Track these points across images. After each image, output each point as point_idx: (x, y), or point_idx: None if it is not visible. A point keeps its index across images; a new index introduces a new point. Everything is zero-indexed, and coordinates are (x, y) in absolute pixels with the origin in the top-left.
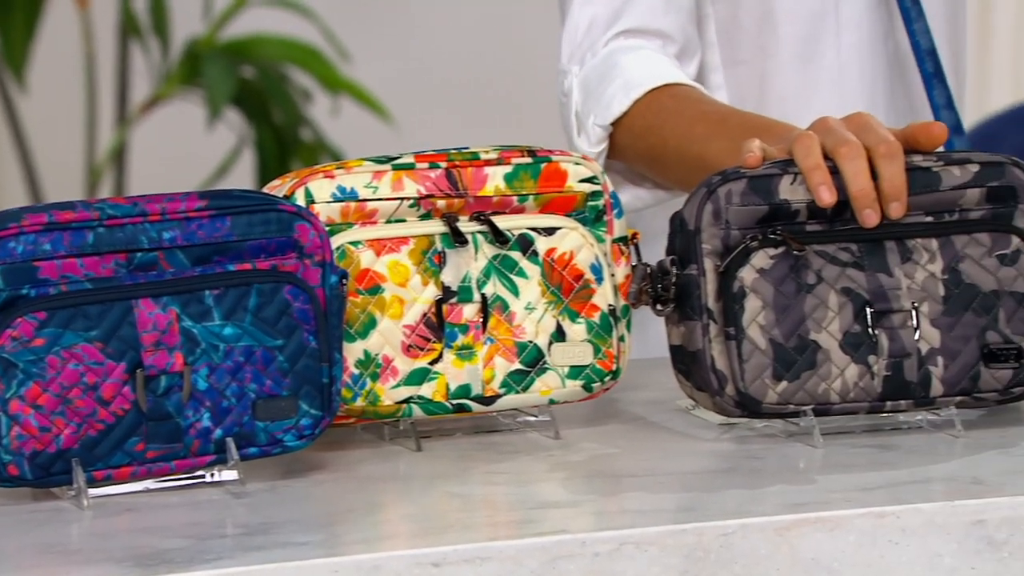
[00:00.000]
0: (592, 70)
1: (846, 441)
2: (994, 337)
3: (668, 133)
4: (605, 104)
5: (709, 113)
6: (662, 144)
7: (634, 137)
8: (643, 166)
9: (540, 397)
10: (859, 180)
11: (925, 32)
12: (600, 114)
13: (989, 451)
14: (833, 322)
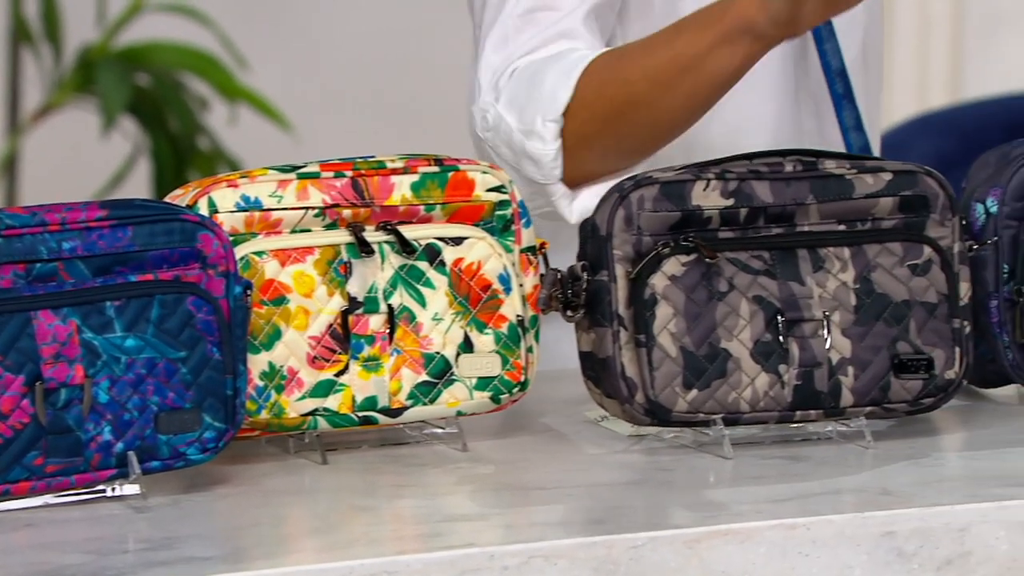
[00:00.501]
0: (514, 88)
1: (756, 452)
2: (905, 347)
3: (627, 71)
4: (548, 100)
5: (657, 33)
6: (625, 84)
7: (588, 106)
8: (606, 136)
9: (447, 409)
10: None
11: (836, 53)
12: (548, 109)
13: (899, 462)
14: (744, 330)
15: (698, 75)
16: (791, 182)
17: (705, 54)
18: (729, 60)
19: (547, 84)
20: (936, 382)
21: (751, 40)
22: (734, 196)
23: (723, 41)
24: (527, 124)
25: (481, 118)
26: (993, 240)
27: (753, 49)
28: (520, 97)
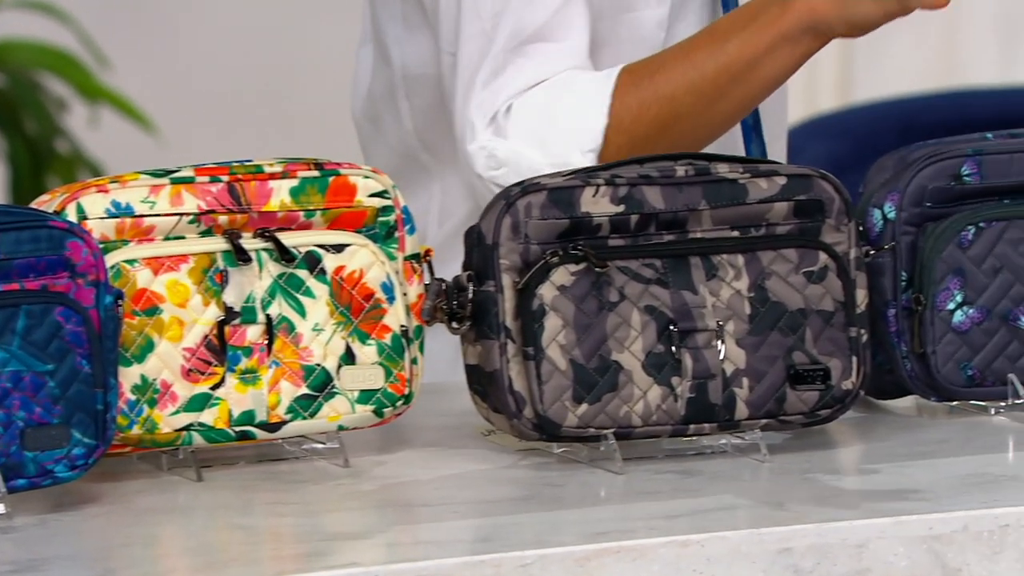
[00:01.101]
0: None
1: (649, 467)
2: (801, 358)
3: (668, 88)
4: (579, 130)
5: (687, 44)
6: (668, 102)
7: (626, 131)
8: (650, 148)
9: (328, 423)
10: None
11: None
12: (584, 140)
13: (795, 476)
14: (636, 342)
15: (751, 81)
16: (683, 187)
17: (761, 56)
18: (789, 60)
19: (572, 113)
20: (833, 393)
21: (813, 37)
22: (624, 202)
23: (783, 41)
24: (559, 157)
25: (487, 157)
26: (891, 246)
27: (813, 46)
28: (538, 130)
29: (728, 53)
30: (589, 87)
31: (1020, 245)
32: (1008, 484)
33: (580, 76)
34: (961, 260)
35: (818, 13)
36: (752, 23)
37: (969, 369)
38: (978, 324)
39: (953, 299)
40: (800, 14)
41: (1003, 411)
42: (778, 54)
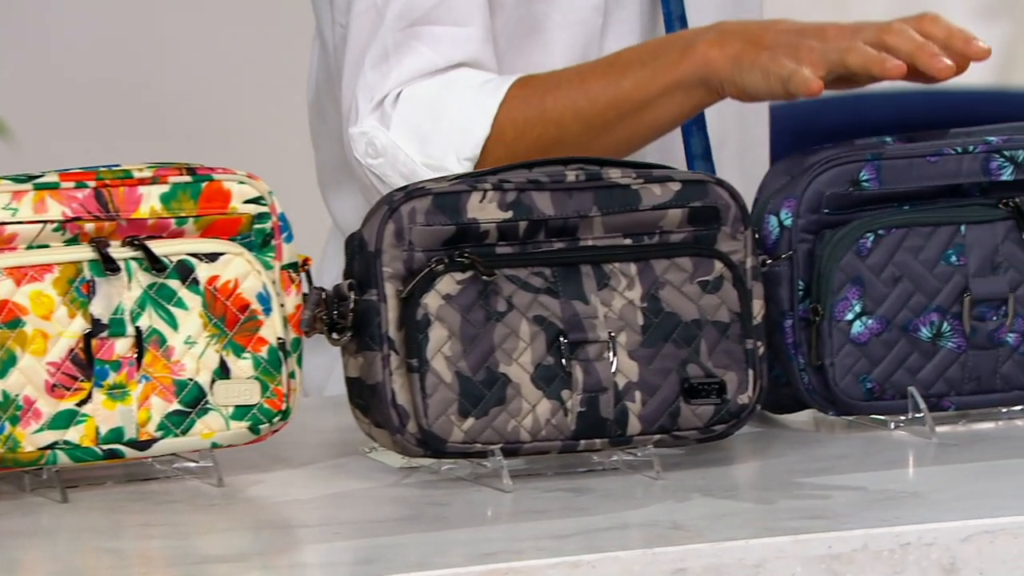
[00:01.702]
0: (410, 115)
1: (537, 484)
2: (695, 371)
3: (556, 111)
4: (460, 134)
5: (588, 68)
6: (554, 126)
7: (508, 145)
8: None
9: (201, 440)
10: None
11: None
12: (463, 146)
13: (690, 494)
14: (524, 353)
15: (640, 121)
16: (574, 193)
17: (654, 99)
18: (680, 107)
19: (458, 115)
20: (728, 407)
21: (706, 91)
22: (513, 208)
23: (677, 88)
24: (435, 159)
25: (366, 143)
26: (787, 255)
27: (706, 100)
28: (421, 126)
29: (622, 89)
30: (480, 92)
31: (920, 253)
32: (908, 501)
33: (474, 77)
34: (860, 269)
35: (712, 67)
36: (652, 63)
37: (868, 382)
38: (877, 335)
39: (852, 309)
40: (696, 64)
41: (903, 425)
42: (670, 99)
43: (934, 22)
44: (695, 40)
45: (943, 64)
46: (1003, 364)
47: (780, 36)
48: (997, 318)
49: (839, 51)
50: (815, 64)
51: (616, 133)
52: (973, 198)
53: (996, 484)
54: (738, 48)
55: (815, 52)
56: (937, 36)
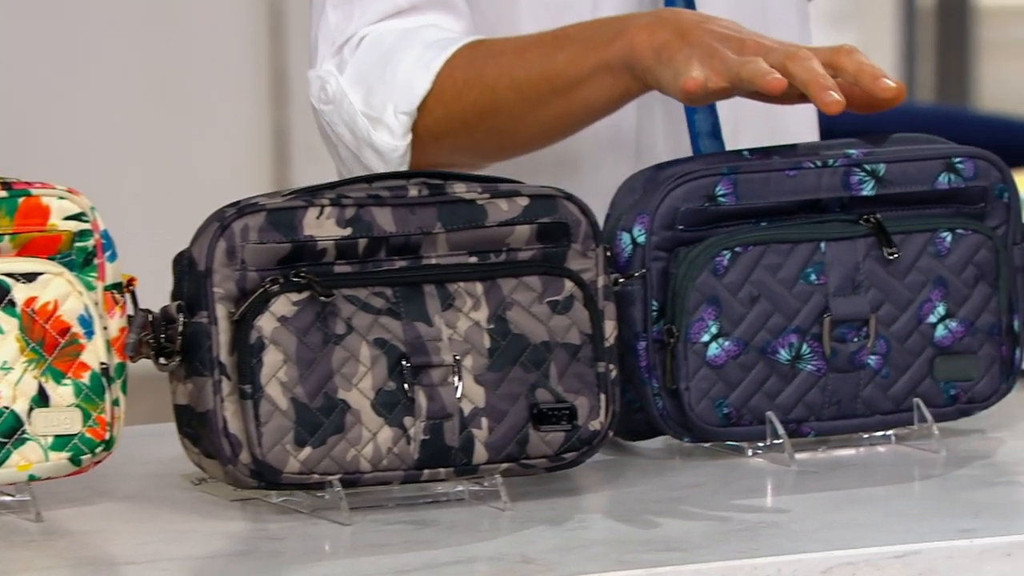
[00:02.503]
0: (362, 62)
1: (378, 516)
2: (545, 395)
3: (494, 76)
4: (402, 88)
5: (534, 38)
6: (490, 91)
7: (446, 105)
8: (461, 137)
9: (18, 473)
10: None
11: None
12: (401, 100)
13: (538, 525)
14: (365, 378)
15: (572, 99)
16: (416, 208)
17: (584, 78)
18: (607, 92)
19: (403, 69)
20: (579, 434)
21: (632, 77)
22: (352, 225)
23: (605, 69)
24: (375, 110)
25: (319, 88)
26: (641, 273)
27: (632, 87)
28: (369, 75)
29: (556, 63)
30: (430, 48)
31: (779, 271)
32: (767, 531)
33: (430, 34)
34: (716, 288)
35: (636, 53)
36: (587, 41)
37: (725, 407)
38: (734, 358)
39: (708, 330)
40: (624, 48)
41: (761, 452)
42: (598, 81)
43: (848, 55)
44: (629, 24)
45: (831, 99)
46: (864, 388)
47: (705, 37)
48: (858, 339)
49: (740, 64)
50: (719, 74)
51: (549, 109)
52: (833, 214)
53: (858, 513)
54: (664, 39)
55: (724, 63)
56: (847, 69)
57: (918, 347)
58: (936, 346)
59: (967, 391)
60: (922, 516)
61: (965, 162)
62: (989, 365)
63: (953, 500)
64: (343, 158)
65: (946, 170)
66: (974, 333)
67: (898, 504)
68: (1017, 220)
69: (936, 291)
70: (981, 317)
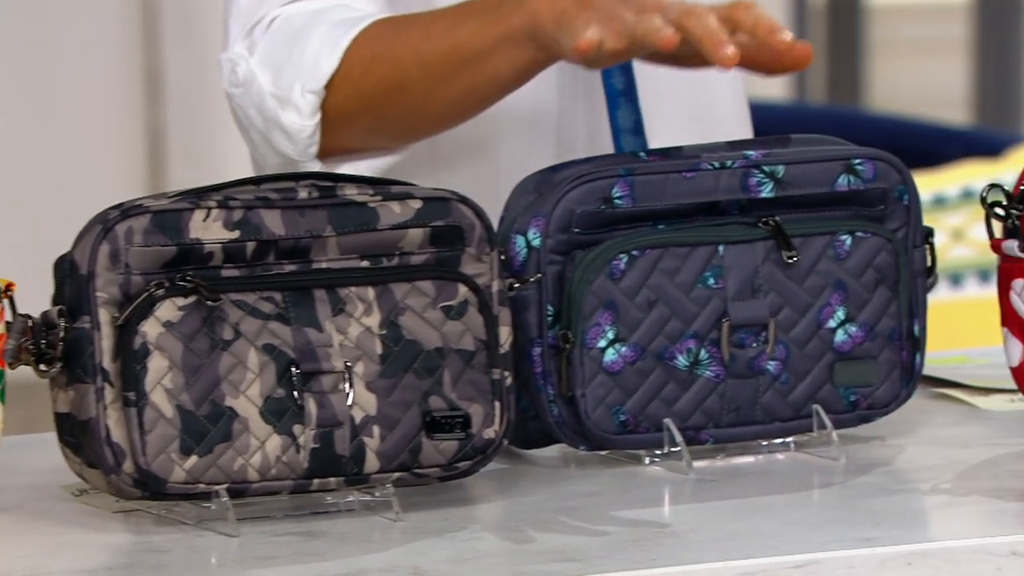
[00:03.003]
0: (271, 44)
1: (267, 528)
2: (438, 403)
3: (401, 51)
4: (310, 67)
5: (440, 12)
6: (397, 66)
7: (354, 83)
8: (371, 115)
9: None
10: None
11: None
12: (309, 79)
13: (431, 537)
14: (253, 385)
15: (477, 72)
16: (306, 211)
17: (489, 50)
18: (512, 63)
19: (311, 48)
20: (473, 442)
21: (536, 47)
22: (240, 227)
23: (509, 39)
24: (283, 90)
25: (230, 71)
26: (536, 278)
27: (538, 57)
28: (278, 55)
29: (460, 36)
30: (338, 27)
31: (677, 275)
32: (665, 541)
33: (339, 13)
34: (612, 292)
35: (538, 20)
36: (491, 12)
37: (622, 414)
38: (631, 364)
39: (604, 336)
40: (526, 17)
41: (659, 460)
42: (503, 53)
43: (746, 9)
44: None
45: (723, 54)
46: (763, 394)
47: (607, 1)
48: (757, 344)
49: (636, 22)
50: (617, 34)
51: (456, 83)
52: (732, 216)
53: (757, 522)
54: (565, 5)
55: (622, 23)
56: (744, 23)
57: (818, 352)
58: (836, 351)
59: (867, 397)
60: (822, 525)
61: (865, 164)
62: (889, 370)
63: (853, 508)
64: (255, 143)
65: (846, 172)
66: (874, 338)
67: (797, 513)
68: (917, 223)
69: (836, 295)
70: (881, 321)
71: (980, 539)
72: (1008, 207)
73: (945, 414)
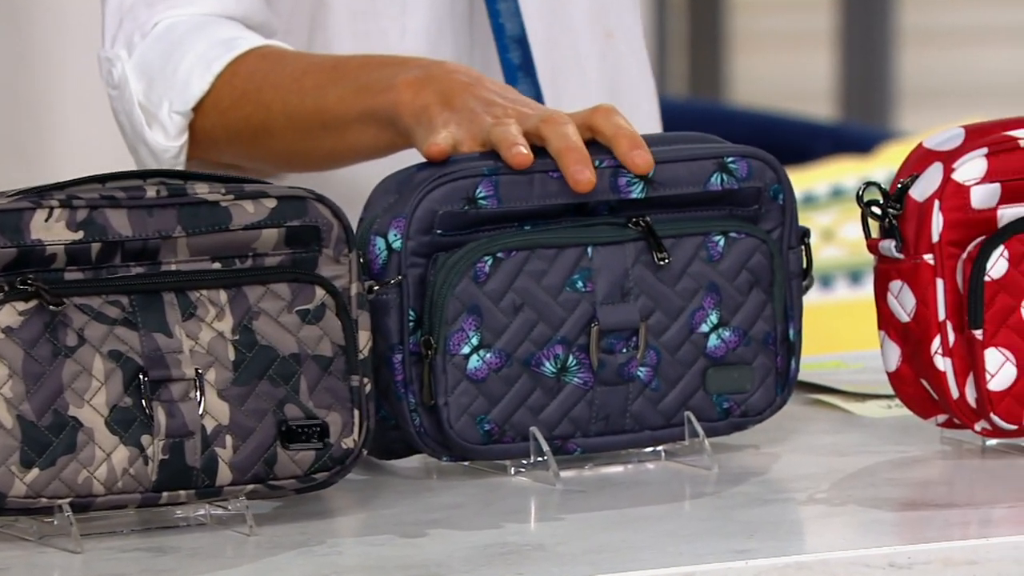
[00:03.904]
0: (149, 51)
1: (113, 543)
2: (294, 411)
3: (270, 96)
4: (180, 86)
5: (317, 62)
6: (264, 110)
7: (222, 113)
8: (238, 148)
9: None
10: (570, 139)
11: (513, 15)
12: (177, 98)
13: (288, 551)
14: (98, 394)
15: (338, 139)
16: (154, 210)
17: (351, 122)
18: (373, 141)
19: (184, 65)
20: (331, 453)
21: (395, 132)
22: (84, 228)
23: (371, 118)
24: (152, 104)
25: (107, 71)
26: (397, 280)
27: (398, 142)
28: (153, 65)
29: (327, 100)
30: (216, 48)
31: (544, 278)
32: (532, 554)
33: (222, 30)
34: (477, 296)
35: (398, 111)
36: (360, 83)
37: (486, 423)
38: (496, 371)
39: (468, 342)
40: (388, 103)
41: (524, 470)
42: (365, 128)
43: (605, 116)
44: (400, 75)
45: (582, 178)
46: (633, 402)
47: (469, 102)
48: (627, 350)
49: (491, 127)
50: (473, 138)
51: (318, 143)
52: (601, 217)
53: (627, 534)
54: (427, 102)
55: (479, 125)
56: (604, 132)
57: (690, 358)
58: (708, 357)
59: (741, 404)
60: (695, 536)
61: (738, 162)
62: (764, 376)
63: (727, 519)
64: (129, 147)
65: (719, 170)
66: (748, 343)
67: (670, 524)
68: (793, 223)
69: (708, 298)
70: (755, 325)
71: (857, 551)
72: (885, 206)
73: (821, 421)
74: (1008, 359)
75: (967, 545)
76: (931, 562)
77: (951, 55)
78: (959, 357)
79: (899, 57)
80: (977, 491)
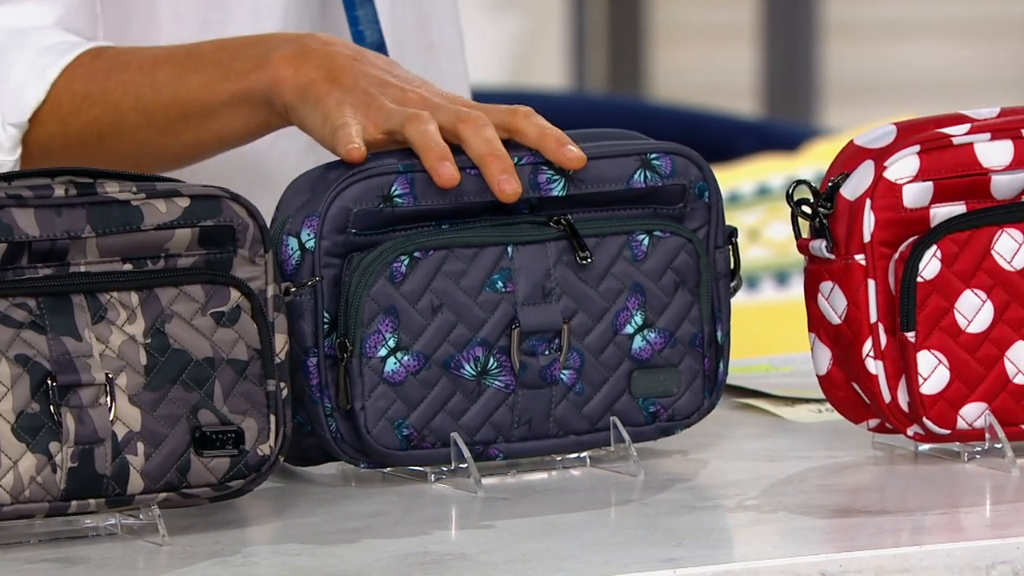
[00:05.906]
0: None
1: (19, 554)
2: (208, 417)
3: (117, 94)
4: (13, 96)
5: (166, 53)
6: (112, 110)
7: (62, 121)
8: (78, 155)
9: None
10: (493, 144)
11: (371, 22)
12: (8, 110)
13: (201, 561)
14: (5, 399)
15: (202, 128)
16: (63, 210)
17: (218, 108)
18: (244, 124)
19: (15, 74)
20: (246, 459)
21: (271, 112)
22: None
23: (243, 100)
24: None
25: None
26: (313, 281)
27: (272, 122)
28: None
29: (189, 87)
30: (45, 54)
31: (462, 278)
32: (454, 564)
33: (49, 37)
34: (393, 297)
35: (278, 89)
36: (226, 65)
37: (404, 428)
38: (414, 374)
39: (385, 344)
40: (265, 81)
41: (445, 477)
42: (234, 112)
43: (526, 118)
44: (272, 52)
45: (508, 188)
46: (557, 406)
47: (360, 80)
48: (550, 352)
49: (403, 118)
50: (376, 125)
51: (178, 136)
52: (521, 215)
53: (552, 543)
54: (311, 77)
55: (382, 112)
56: (528, 135)
57: (614, 360)
58: (634, 359)
59: (668, 407)
60: (621, 545)
61: (662, 158)
62: (691, 379)
63: (654, 527)
64: None
65: (642, 167)
66: (674, 344)
67: (595, 532)
68: (719, 221)
69: (633, 299)
70: (682, 327)
71: (788, 559)
72: (815, 205)
73: (750, 426)
74: (941, 362)
75: (899, 553)
76: (863, 570)
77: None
78: (891, 360)
79: (823, 52)
80: (909, 497)
